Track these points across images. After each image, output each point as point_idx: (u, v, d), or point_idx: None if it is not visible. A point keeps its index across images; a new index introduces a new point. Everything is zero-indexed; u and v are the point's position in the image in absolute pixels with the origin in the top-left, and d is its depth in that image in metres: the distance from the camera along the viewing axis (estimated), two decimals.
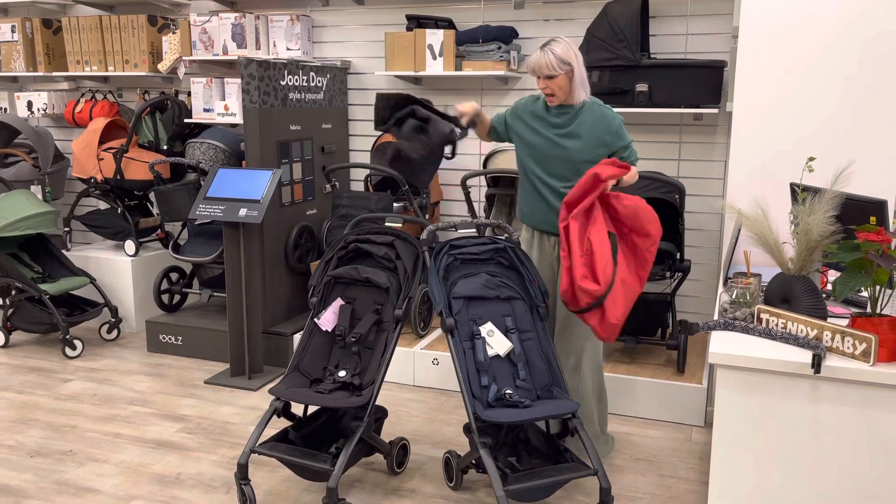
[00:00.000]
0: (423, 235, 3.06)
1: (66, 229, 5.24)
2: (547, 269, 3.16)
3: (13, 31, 5.29)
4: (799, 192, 2.47)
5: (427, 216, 4.36)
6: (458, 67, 4.41)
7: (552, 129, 3.00)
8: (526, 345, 2.90)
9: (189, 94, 5.07)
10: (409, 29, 4.51)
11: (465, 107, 3.06)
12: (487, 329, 2.86)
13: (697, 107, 3.95)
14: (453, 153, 3.20)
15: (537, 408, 2.68)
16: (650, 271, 3.56)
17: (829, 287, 2.74)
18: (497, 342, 2.85)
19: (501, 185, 4.23)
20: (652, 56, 4.19)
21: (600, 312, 2.83)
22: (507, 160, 3.99)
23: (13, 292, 4.51)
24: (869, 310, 2.18)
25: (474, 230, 3.10)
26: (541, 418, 2.66)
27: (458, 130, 3.14)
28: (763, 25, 3.19)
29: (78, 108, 5.37)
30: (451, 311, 2.85)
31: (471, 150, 4.73)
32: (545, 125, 3.02)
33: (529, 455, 2.88)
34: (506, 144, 4.05)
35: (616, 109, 4.01)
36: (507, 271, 2.98)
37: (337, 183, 4.46)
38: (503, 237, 3.02)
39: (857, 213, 2.41)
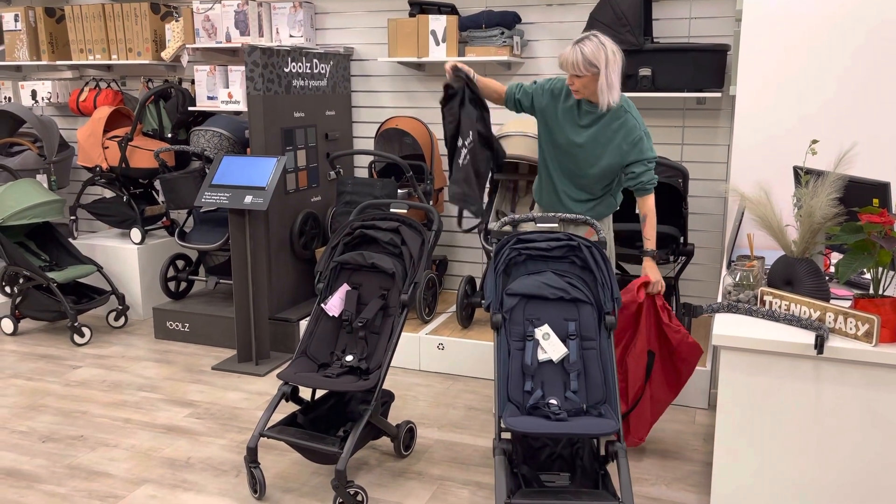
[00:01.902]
0: (495, 227, 2.90)
1: (73, 218, 5.27)
2: None
3: (16, 20, 5.30)
4: (802, 175, 2.48)
5: (431, 202, 4.38)
6: (462, 53, 4.41)
7: (577, 129, 3.01)
8: (586, 354, 2.62)
9: (192, 81, 5.07)
10: (411, 15, 4.50)
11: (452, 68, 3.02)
12: (543, 332, 2.62)
13: (701, 91, 3.95)
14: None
15: (571, 423, 2.43)
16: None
17: (832, 269, 2.76)
18: (551, 347, 2.60)
19: (505, 171, 4.24)
20: (655, 40, 4.19)
21: (625, 428, 3.02)
22: (512, 146, 3.99)
23: (21, 281, 4.55)
24: (871, 291, 2.20)
25: (555, 224, 2.82)
26: (568, 434, 2.41)
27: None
28: (766, 9, 3.19)
29: (82, 97, 5.38)
30: (502, 307, 2.65)
31: None
32: (572, 125, 3.02)
33: (582, 474, 2.63)
34: (508, 130, 4.06)
35: None
36: (581, 272, 2.69)
37: (341, 170, 4.48)
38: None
39: (860, 195, 2.42)
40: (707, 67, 3.87)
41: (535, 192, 3.30)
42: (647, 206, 3.02)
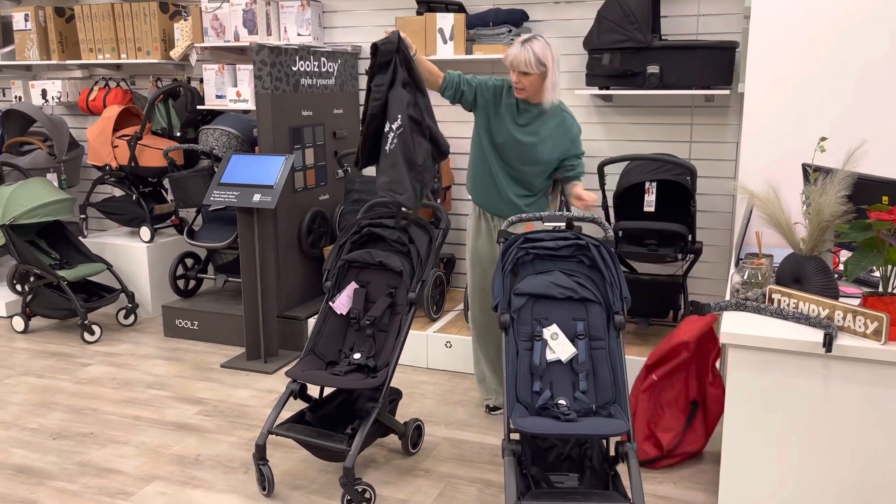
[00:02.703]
0: (503, 226, 2.84)
1: (82, 216, 5.30)
2: (488, 248, 3.30)
3: (26, 20, 5.33)
4: (811, 173, 2.48)
5: (438, 200, 4.39)
6: (469, 51, 4.41)
7: (516, 126, 3.09)
8: (595, 354, 2.60)
9: (201, 80, 5.09)
10: (419, 13, 4.50)
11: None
12: (551, 332, 2.60)
13: (709, 88, 3.94)
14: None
15: (581, 423, 2.41)
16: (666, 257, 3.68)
17: (841, 267, 2.75)
18: (560, 347, 2.58)
19: None
20: (663, 37, 4.18)
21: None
22: None
23: (32, 279, 4.58)
24: (880, 289, 2.19)
25: (563, 224, 2.77)
26: (578, 435, 2.37)
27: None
28: (775, 6, 3.17)
29: (91, 96, 5.41)
30: (510, 307, 2.63)
31: None
32: (511, 121, 3.10)
33: (592, 475, 2.61)
34: None
35: (627, 92, 4.03)
36: (589, 271, 2.67)
37: (349, 168, 4.49)
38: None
39: (869, 192, 2.41)
40: (715, 65, 3.86)
41: (470, 191, 3.34)
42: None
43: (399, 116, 2.78)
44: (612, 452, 2.57)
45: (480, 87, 3.14)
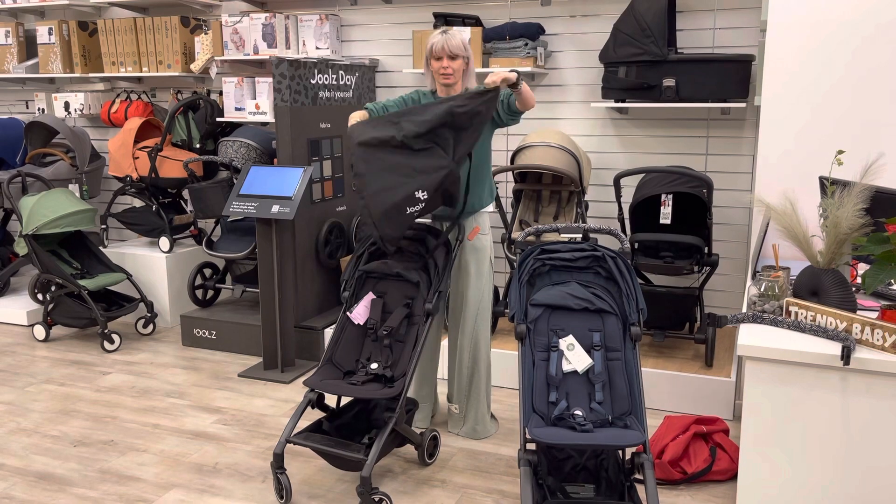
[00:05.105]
0: (519, 237, 2.84)
1: (103, 226, 5.37)
2: None
3: (50, 34, 5.43)
4: (828, 186, 2.48)
5: None
6: (486, 64, 4.45)
7: None
8: (611, 365, 2.62)
9: (221, 93, 5.16)
10: (436, 27, 4.55)
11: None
12: (567, 342, 2.63)
13: (725, 101, 3.95)
14: None
15: (597, 434, 2.42)
16: (682, 269, 3.68)
17: (859, 280, 2.75)
18: (576, 357, 2.61)
19: (529, 181, 4.27)
20: (679, 51, 4.19)
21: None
22: (535, 156, 4.02)
23: (53, 288, 4.65)
24: None
25: (579, 235, 2.78)
26: (593, 446, 2.36)
27: None
28: (791, 19, 3.19)
29: (113, 109, 5.49)
30: (527, 318, 2.66)
31: (498, 147, 4.77)
32: None
33: (608, 486, 2.61)
34: (531, 141, 4.08)
35: (643, 105, 4.05)
36: (606, 282, 2.69)
37: None
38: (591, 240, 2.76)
39: (887, 205, 2.41)
40: (731, 78, 3.87)
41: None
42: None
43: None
44: (628, 464, 2.57)
45: (397, 104, 3.20)
